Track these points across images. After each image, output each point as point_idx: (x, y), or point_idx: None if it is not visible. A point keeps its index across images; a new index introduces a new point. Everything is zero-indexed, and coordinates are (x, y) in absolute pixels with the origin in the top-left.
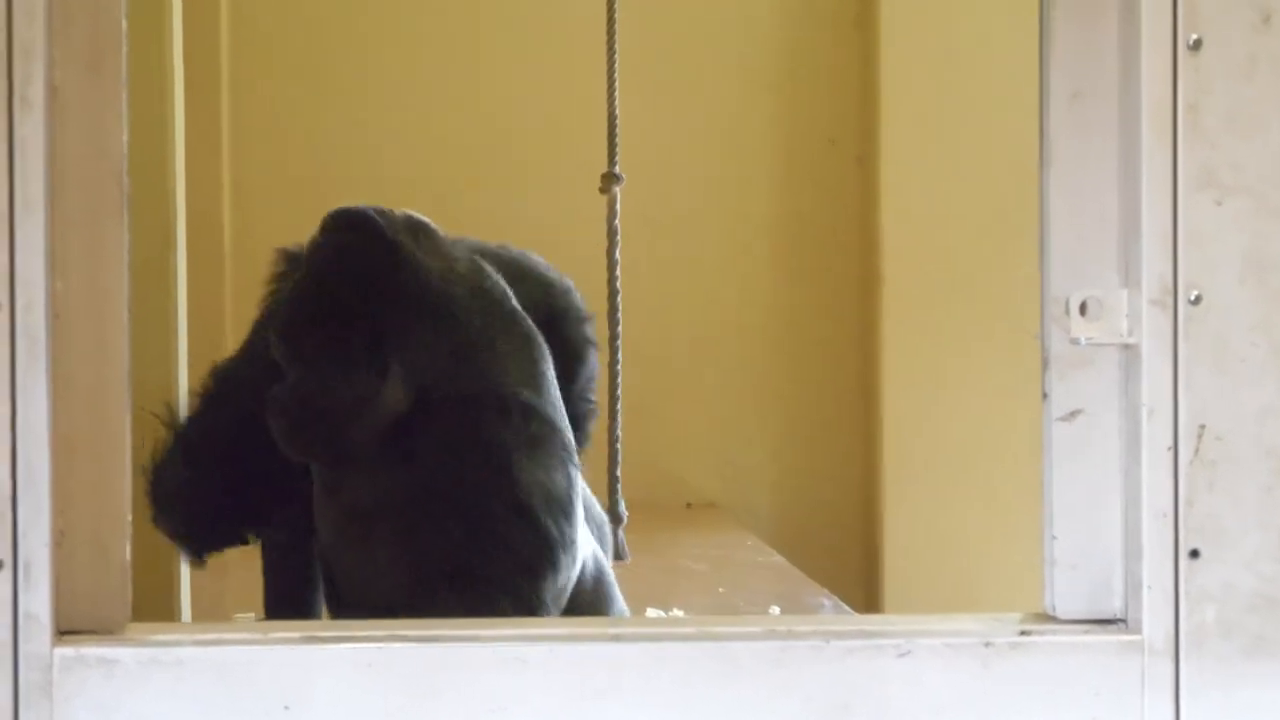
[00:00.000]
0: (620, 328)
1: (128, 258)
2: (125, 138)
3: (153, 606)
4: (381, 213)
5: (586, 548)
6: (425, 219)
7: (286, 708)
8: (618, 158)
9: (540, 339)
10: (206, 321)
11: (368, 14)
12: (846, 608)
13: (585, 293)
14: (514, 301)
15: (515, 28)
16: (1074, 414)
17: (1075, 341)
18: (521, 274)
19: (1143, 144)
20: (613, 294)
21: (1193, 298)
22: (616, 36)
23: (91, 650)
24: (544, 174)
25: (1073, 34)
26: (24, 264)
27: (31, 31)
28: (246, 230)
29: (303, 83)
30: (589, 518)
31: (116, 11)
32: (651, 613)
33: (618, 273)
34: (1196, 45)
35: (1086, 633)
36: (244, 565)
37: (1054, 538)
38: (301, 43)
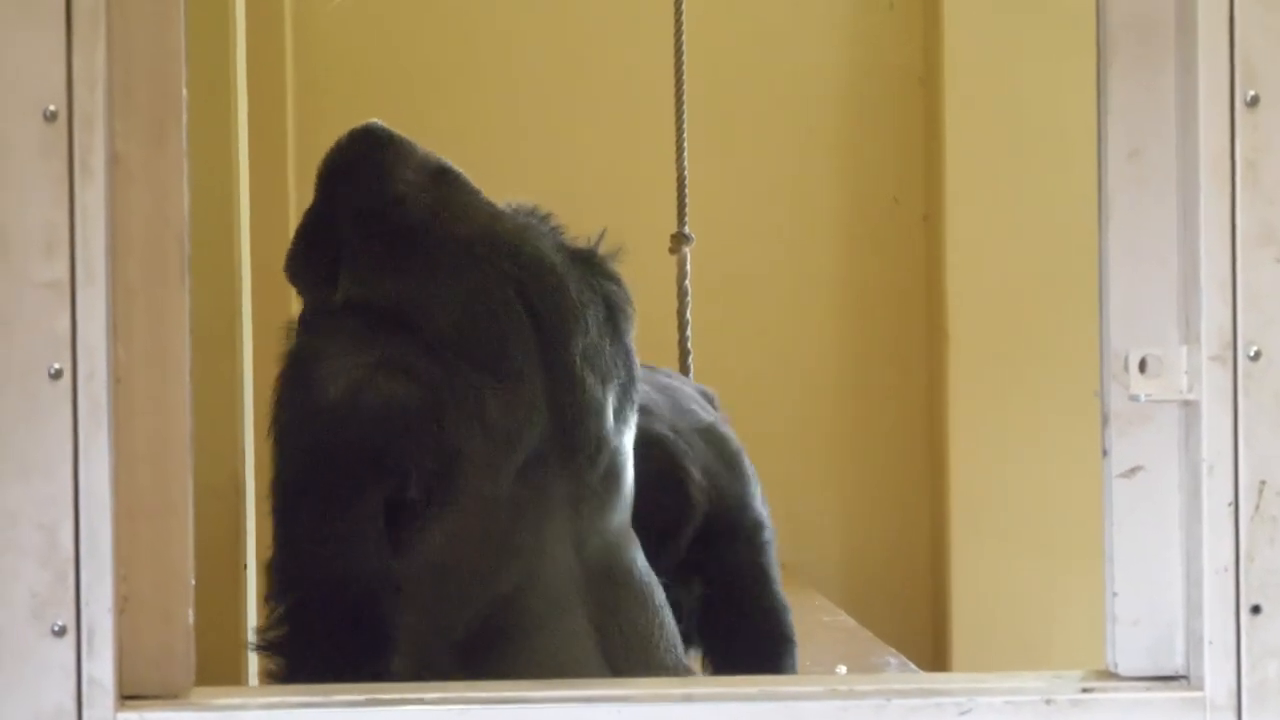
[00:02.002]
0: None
1: (190, 324)
2: (187, 204)
3: (220, 669)
4: (397, 140)
5: None
6: (458, 170)
7: None
8: (687, 218)
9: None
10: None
11: (435, 76)
12: (913, 666)
13: (656, 353)
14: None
15: (584, 91)
16: (1134, 470)
17: (1135, 398)
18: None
19: (1201, 200)
20: (684, 354)
21: (1252, 354)
22: (684, 98)
23: (155, 715)
24: (613, 235)
25: (1130, 91)
26: (85, 331)
27: (92, 100)
28: None
29: None
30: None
31: (177, 79)
32: None
33: (689, 332)
34: (1254, 102)
35: (1148, 689)
36: None
37: (1115, 594)
38: (368, 106)
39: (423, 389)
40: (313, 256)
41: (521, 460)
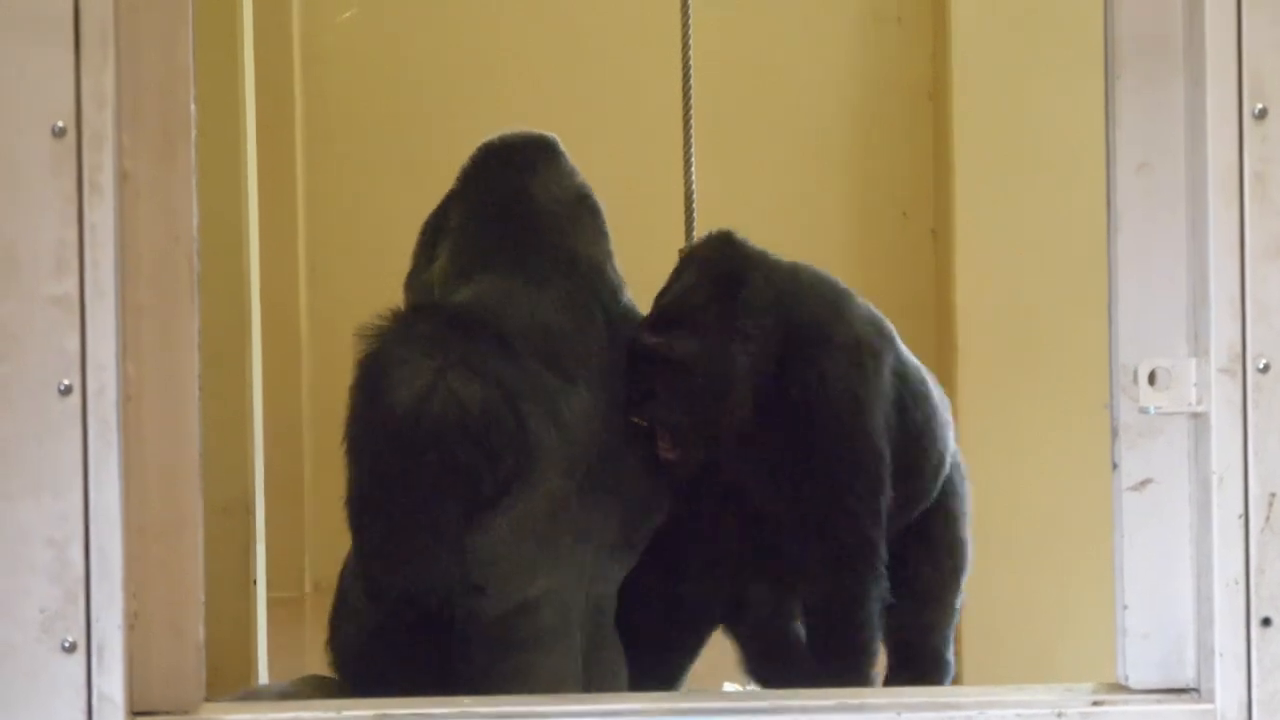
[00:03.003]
0: None
1: (200, 341)
2: (196, 221)
3: (230, 685)
4: (564, 160)
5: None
6: (600, 207)
7: None
8: (694, 232)
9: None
10: (282, 404)
11: (444, 93)
12: None
13: None
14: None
15: (592, 106)
16: (1144, 483)
17: (1144, 411)
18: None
19: (1210, 213)
20: None
21: (1261, 366)
22: (692, 112)
23: None
24: (622, 250)
25: (1138, 105)
26: (95, 348)
27: (101, 117)
28: (323, 314)
29: (379, 163)
30: None
31: (185, 97)
32: (728, 687)
33: None
34: (1262, 114)
35: (1159, 702)
36: (319, 638)
37: (1125, 607)
38: (377, 123)
39: (497, 386)
40: (434, 222)
41: (582, 466)
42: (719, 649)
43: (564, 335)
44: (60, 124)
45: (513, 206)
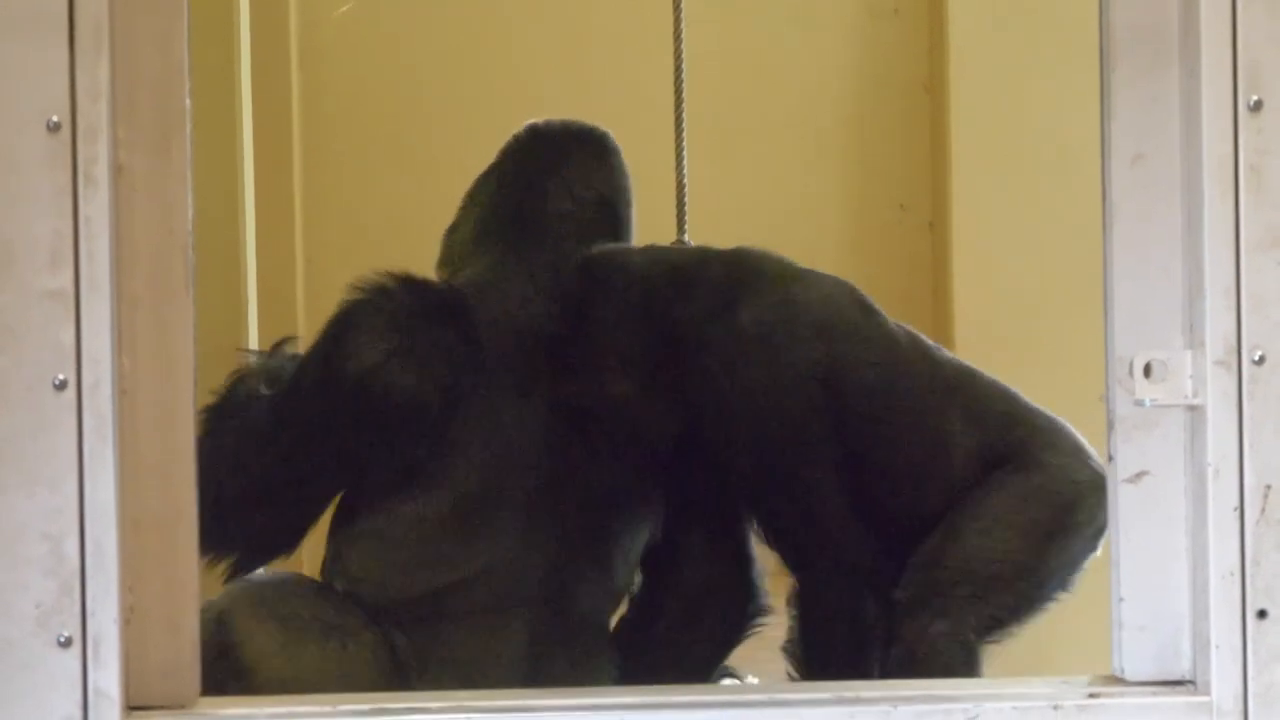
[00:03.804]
0: None
1: (196, 335)
2: (191, 215)
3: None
4: (610, 158)
5: None
6: (623, 215)
7: None
8: (687, 225)
9: None
10: None
11: (439, 84)
12: None
13: None
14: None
15: (583, 97)
16: (1140, 475)
17: (1140, 403)
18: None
19: (1205, 205)
20: None
21: (1257, 358)
22: (684, 104)
23: None
24: None
25: (1133, 97)
26: (90, 342)
27: (96, 111)
28: (319, 307)
29: (376, 157)
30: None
31: (181, 90)
32: (726, 681)
33: None
34: (1257, 106)
35: (1154, 694)
36: None
37: (1121, 599)
38: (374, 118)
39: (434, 383)
40: (479, 183)
41: (520, 472)
42: None
43: (539, 340)
44: (55, 118)
45: (531, 196)
